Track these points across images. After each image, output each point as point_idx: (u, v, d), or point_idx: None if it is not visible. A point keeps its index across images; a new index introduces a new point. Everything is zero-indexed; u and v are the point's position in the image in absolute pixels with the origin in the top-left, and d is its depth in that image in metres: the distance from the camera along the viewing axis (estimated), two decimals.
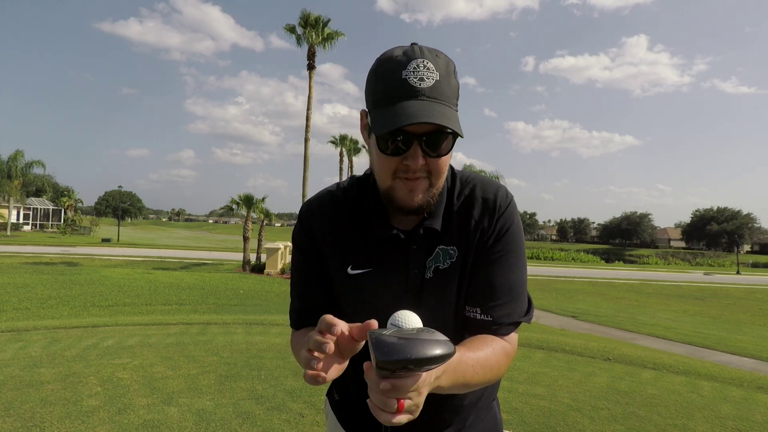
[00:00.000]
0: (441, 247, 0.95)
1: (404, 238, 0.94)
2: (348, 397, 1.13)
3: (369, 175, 1.01)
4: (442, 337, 0.63)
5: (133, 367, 4.09)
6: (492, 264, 0.94)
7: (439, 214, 0.96)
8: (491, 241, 0.94)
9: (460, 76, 0.90)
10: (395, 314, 0.66)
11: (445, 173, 0.91)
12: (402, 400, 0.64)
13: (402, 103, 0.81)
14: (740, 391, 4.13)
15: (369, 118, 0.89)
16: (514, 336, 0.95)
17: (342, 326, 0.69)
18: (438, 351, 0.60)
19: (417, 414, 0.67)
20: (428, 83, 0.82)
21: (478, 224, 0.95)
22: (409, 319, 0.66)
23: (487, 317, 0.92)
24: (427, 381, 0.68)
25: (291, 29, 22.04)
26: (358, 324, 0.70)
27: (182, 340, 5.17)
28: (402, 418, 0.65)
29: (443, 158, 0.87)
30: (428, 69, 0.82)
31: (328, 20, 21.94)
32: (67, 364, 4.11)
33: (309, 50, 21.93)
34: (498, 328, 0.92)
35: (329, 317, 0.71)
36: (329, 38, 22.16)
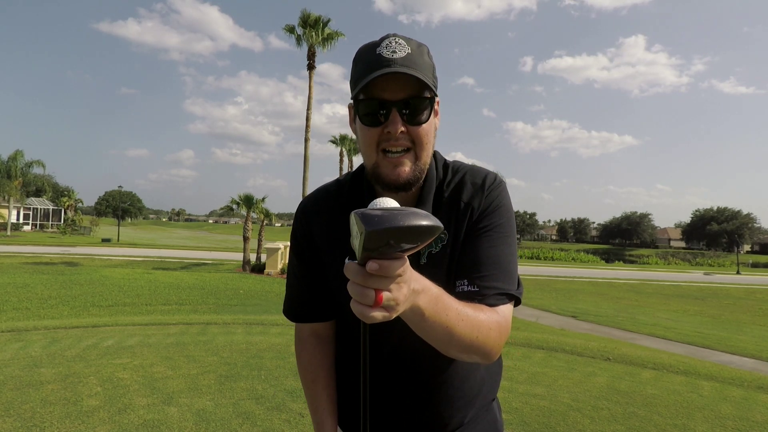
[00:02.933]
0: None
1: None
2: (345, 398, 1.13)
3: (363, 168, 1.02)
4: (428, 213, 0.61)
5: (133, 367, 4.09)
6: (479, 238, 0.94)
7: (429, 201, 0.97)
8: (478, 217, 0.96)
9: (458, 77, 0.96)
10: (374, 200, 0.65)
11: (430, 147, 0.92)
12: (381, 293, 0.62)
13: (376, 71, 0.85)
14: (740, 391, 4.13)
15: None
16: (505, 310, 0.90)
17: None
18: (425, 222, 0.58)
19: (394, 314, 0.65)
20: (400, 54, 0.86)
21: (468, 206, 0.96)
22: (389, 202, 0.64)
23: (474, 287, 0.89)
24: (409, 277, 0.66)
25: (291, 29, 22.04)
26: None
27: (182, 340, 5.17)
28: (378, 315, 0.63)
29: (424, 127, 0.89)
30: (399, 44, 0.87)
31: (328, 20, 21.94)
32: (67, 364, 4.10)
33: (309, 50, 21.93)
34: (484, 297, 0.88)
35: None
36: (329, 38, 22.16)
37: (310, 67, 22.02)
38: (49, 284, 12.76)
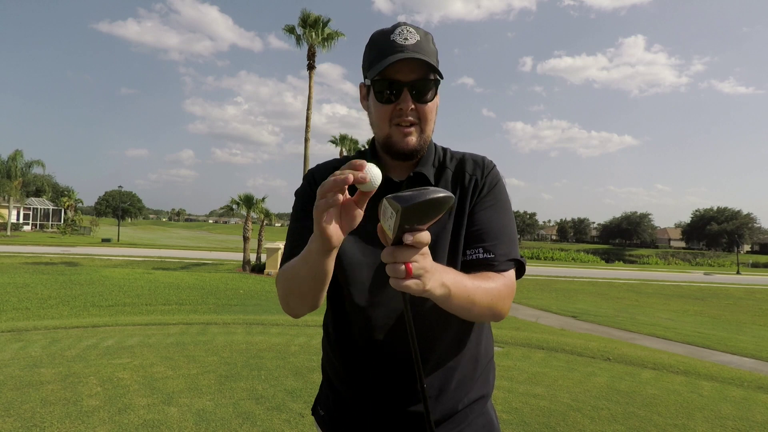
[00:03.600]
0: None
1: (396, 183, 1.08)
2: (333, 412, 1.14)
3: (369, 147, 1.17)
4: (442, 189, 0.72)
5: (133, 367, 4.09)
6: (487, 210, 1.06)
7: (429, 164, 1.10)
8: (485, 191, 1.08)
9: (458, 77, 1.00)
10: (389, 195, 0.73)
11: (433, 122, 1.06)
12: (409, 264, 0.72)
13: (391, 56, 0.98)
14: (740, 391, 4.13)
15: (366, 81, 1.06)
16: (511, 274, 1.03)
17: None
18: (442, 194, 0.70)
19: (425, 282, 0.75)
20: (411, 42, 0.99)
21: (472, 177, 1.09)
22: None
23: (490, 254, 1.01)
24: (428, 253, 0.77)
25: (291, 29, 22.03)
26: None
27: (182, 340, 5.17)
28: (411, 283, 0.74)
29: (429, 105, 1.03)
30: (410, 32, 1.01)
31: (328, 20, 21.93)
32: (67, 364, 4.10)
33: (309, 50, 21.92)
34: (499, 264, 1.01)
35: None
36: (329, 38, 22.15)
37: (310, 67, 22.01)
38: (49, 284, 12.76)
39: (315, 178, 1.14)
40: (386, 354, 1.05)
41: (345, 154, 34.66)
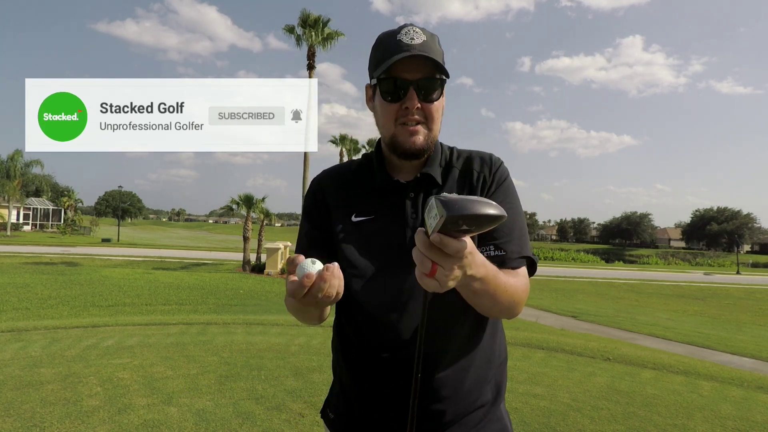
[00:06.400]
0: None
1: (403, 184, 1.08)
2: (342, 415, 1.13)
3: (374, 150, 1.16)
4: (496, 204, 0.67)
5: (133, 367, 4.09)
6: None
7: (436, 165, 1.09)
8: (493, 188, 1.07)
9: (457, 77, 1.01)
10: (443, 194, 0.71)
11: (439, 122, 1.06)
12: (436, 266, 0.70)
13: (398, 54, 0.98)
14: (740, 391, 4.13)
15: (372, 81, 1.06)
16: (525, 272, 1.04)
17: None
18: (494, 211, 0.65)
19: (444, 289, 0.74)
20: (418, 41, 1.00)
21: (480, 174, 1.09)
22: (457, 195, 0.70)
23: (501, 252, 1.00)
24: (471, 262, 0.75)
25: (290, 29, 22.02)
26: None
27: (182, 340, 5.17)
28: (430, 284, 0.72)
29: (435, 104, 1.03)
30: (416, 32, 1.01)
31: (328, 20, 21.91)
32: (67, 364, 4.10)
33: (309, 50, 21.90)
34: (511, 261, 1.00)
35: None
36: (329, 38, 22.15)
37: (310, 67, 21.99)
38: (49, 284, 12.76)
39: (321, 186, 1.16)
40: (396, 356, 1.03)
41: (345, 153, 34.74)
